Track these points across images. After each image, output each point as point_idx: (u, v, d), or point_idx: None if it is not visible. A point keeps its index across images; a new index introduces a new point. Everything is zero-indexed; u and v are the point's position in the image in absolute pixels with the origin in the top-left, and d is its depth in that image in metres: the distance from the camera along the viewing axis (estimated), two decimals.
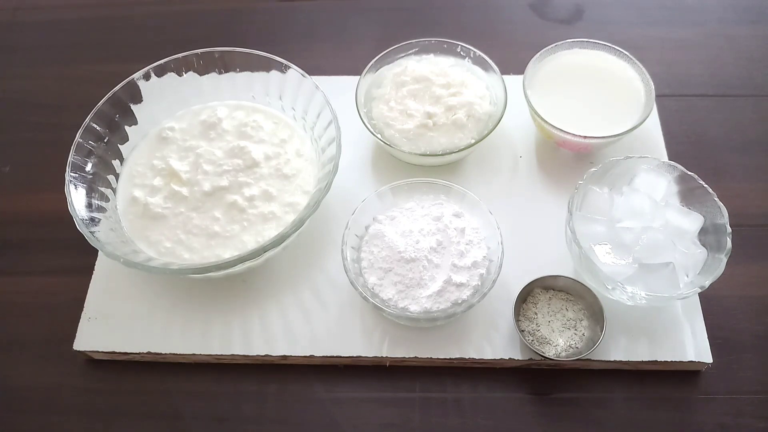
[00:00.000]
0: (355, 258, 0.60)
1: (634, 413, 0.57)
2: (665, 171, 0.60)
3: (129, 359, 0.61)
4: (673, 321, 0.59)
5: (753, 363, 0.59)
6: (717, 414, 0.56)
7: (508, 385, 0.58)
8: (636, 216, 0.58)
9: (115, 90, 0.66)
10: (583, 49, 0.70)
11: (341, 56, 0.82)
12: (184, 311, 0.61)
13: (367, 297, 0.56)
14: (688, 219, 0.58)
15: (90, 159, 0.63)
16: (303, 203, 0.62)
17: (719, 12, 0.84)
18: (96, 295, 0.63)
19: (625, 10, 0.85)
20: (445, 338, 0.59)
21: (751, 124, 0.74)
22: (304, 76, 0.66)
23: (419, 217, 0.61)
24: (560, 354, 0.56)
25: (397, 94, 0.68)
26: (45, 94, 0.81)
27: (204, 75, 0.69)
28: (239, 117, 0.69)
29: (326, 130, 0.64)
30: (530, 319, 0.58)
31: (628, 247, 0.57)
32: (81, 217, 0.58)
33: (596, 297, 0.57)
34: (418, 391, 0.58)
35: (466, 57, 0.71)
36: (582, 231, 0.57)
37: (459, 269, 0.57)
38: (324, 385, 0.59)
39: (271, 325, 0.60)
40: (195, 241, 0.61)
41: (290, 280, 0.63)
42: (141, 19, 0.88)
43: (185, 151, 0.67)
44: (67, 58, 0.84)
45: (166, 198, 0.64)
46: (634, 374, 0.58)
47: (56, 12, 0.90)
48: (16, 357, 0.62)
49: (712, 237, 0.57)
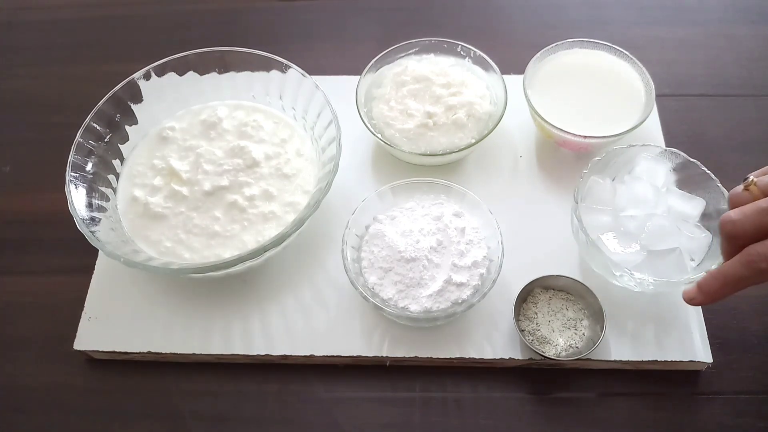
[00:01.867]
0: (355, 258, 0.60)
1: (634, 413, 0.57)
2: (666, 159, 0.61)
3: (129, 359, 0.61)
4: (674, 321, 0.59)
5: (754, 363, 0.59)
6: (717, 414, 0.56)
7: (508, 385, 0.58)
8: (639, 204, 0.58)
9: (116, 90, 0.66)
10: (583, 48, 0.70)
11: (341, 56, 0.82)
12: (184, 311, 0.61)
13: (367, 297, 0.56)
14: (690, 204, 0.59)
15: (90, 158, 0.63)
16: (303, 203, 0.62)
17: (719, 12, 0.84)
18: (96, 294, 0.63)
19: (625, 9, 0.85)
20: (446, 338, 0.59)
21: (751, 124, 0.74)
22: (304, 75, 0.66)
23: (419, 216, 0.61)
24: (560, 354, 0.56)
25: (398, 93, 0.68)
26: (45, 93, 0.81)
27: (204, 75, 0.69)
28: (239, 117, 0.69)
29: (326, 129, 0.64)
30: (530, 319, 0.58)
31: (633, 234, 0.57)
32: (81, 216, 0.58)
33: (596, 297, 0.57)
34: (418, 391, 0.58)
35: (466, 57, 0.71)
36: (587, 221, 0.57)
37: (459, 269, 0.57)
38: (324, 385, 0.59)
39: (271, 324, 0.60)
40: (195, 240, 0.61)
41: (290, 280, 0.63)
42: (141, 18, 0.88)
43: (185, 150, 0.67)
44: (67, 57, 0.84)
45: (167, 198, 0.64)
46: (634, 374, 0.58)
47: (56, 12, 0.90)
48: (17, 357, 0.62)
49: (715, 222, 0.57)
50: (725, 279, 0.45)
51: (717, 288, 0.46)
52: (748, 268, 0.43)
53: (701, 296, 0.47)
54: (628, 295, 0.59)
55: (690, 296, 0.48)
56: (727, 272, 0.45)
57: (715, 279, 0.45)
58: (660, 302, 0.60)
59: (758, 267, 0.43)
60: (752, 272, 0.43)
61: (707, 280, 0.46)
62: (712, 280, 0.46)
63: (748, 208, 0.44)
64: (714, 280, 0.46)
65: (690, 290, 0.48)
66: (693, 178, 0.60)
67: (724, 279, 0.45)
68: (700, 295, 0.47)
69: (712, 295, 0.46)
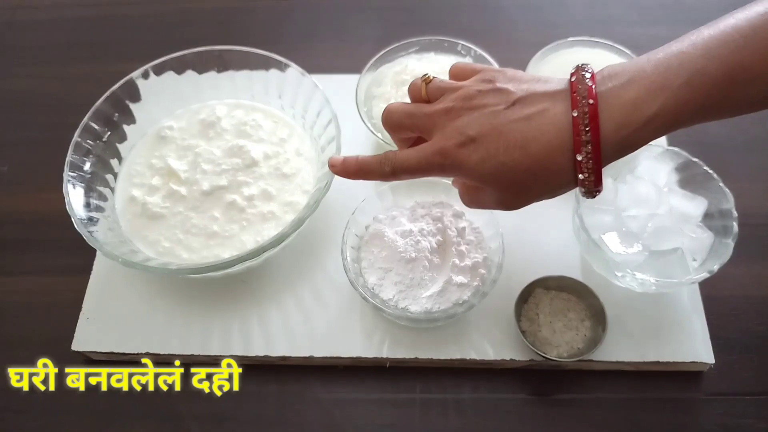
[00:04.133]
0: (355, 258, 0.60)
1: (636, 414, 0.57)
2: (668, 158, 0.60)
3: (127, 360, 0.60)
4: (676, 321, 0.59)
5: (755, 363, 0.58)
6: (719, 415, 0.56)
7: (509, 386, 0.58)
8: (641, 203, 0.58)
9: (114, 89, 0.66)
10: (584, 48, 0.70)
11: (341, 55, 0.82)
12: (182, 312, 0.61)
13: (367, 297, 0.56)
14: (692, 203, 0.59)
15: (88, 158, 0.63)
16: (302, 203, 0.62)
17: (720, 12, 0.82)
18: (94, 295, 0.62)
19: (626, 9, 0.85)
20: (446, 339, 0.58)
21: (752, 124, 0.73)
22: (303, 74, 0.66)
23: (420, 217, 0.61)
24: (562, 355, 0.56)
25: (398, 93, 0.68)
26: (44, 93, 0.81)
27: (203, 74, 0.69)
28: (238, 116, 0.69)
29: (326, 129, 0.63)
30: (531, 320, 0.58)
31: (635, 234, 0.57)
32: (79, 216, 0.58)
33: (598, 297, 0.57)
34: (419, 392, 0.58)
35: (466, 56, 0.71)
36: (588, 221, 0.57)
37: (460, 269, 0.57)
38: (324, 386, 0.59)
39: (270, 325, 0.60)
40: (194, 240, 0.61)
41: (290, 280, 0.62)
42: (140, 18, 0.88)
43: (184, 150, 0.66)
44: (66, 57, 0.84)
45: (165, 197, 0.63)
46: (636, 375, 0.58)
47: (56, 11, 0.89)
48: (14, 357, 0.61)
49: (718, 222, 0.58)
50: (361, 166, 0.51)
51: (353, 170, 0.51)
52: (379, 165, 0.49)
53: (340, 170, 0.52)
54: (630, 295, 0.59)
55: (333, 164, 0.53)
56: (365, 161, 0.50)
57: (357, 164, 0.51)
58: (662, 303, 0.60)
59: (383, 169, 0.49)
60: (381, 171, 0.49)
61: (351, 163, 0.51)
62: (354, 165, 0.51)
63: (403, 105, 0.50)
64: (355, 165, 0.51)
65: (336, 160, 0.52)
66: (695, 177, 0.60)
67: (361, 166, 0.51)
68: (341, 168, 0.52)
69: (347, 174, 0.52)
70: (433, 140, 0.47)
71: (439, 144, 0.46)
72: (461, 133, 0.45)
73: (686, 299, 0.60)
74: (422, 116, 0.48)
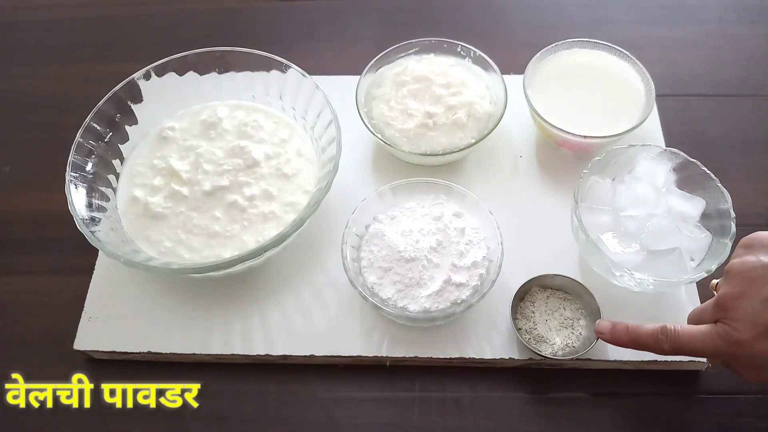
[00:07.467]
0: (355, 257, 0.60)
1: (633, 413, 0.57)
2: (666, 159, 0.61)
3: (129, 359, 0.61)
4: (673, 321, 0.58)
5: None
6: (716, 414, 0.56)
7: (507, 385, 0.58)
8: (639, 204, 0.58)
9: (116, 90, 0.66)
10: (583, 48, 0.70)
11: (341, 56, 0.82)
12: (184, 311, 0.62)
13: (366, 296, 0.56)
14: (690, 204, 0.59)
15: (90, 158, 0.63)
16: (303, 203, 0.63)
17: (719, 12, 0.84)
18: (96, 294, 0.63)
19: (625, 9, 0.85)
20: (445, 338, 0.59)
21: (751, 124, 0.74)
22: (304, 75, 0.66)
23: (419, 216, 0.61)
24: (557, 353, 0.56)
25: (398, 93, 0.68)
26: (45, 93, 0.81)
27: (204, 75, 0.69)
28: (239, 117, 0.69)
29: (326, 129, 0.64)
30: (527, 318, 0.58)
31: (633, 234, 0.57)
32: (81, 216, 0.58)
33: (594, 296, 0.57)
34: (418, 391, 0.58)
35: (466, 57, 0.71)
36: (587, 222, 0.57)
37: (459, 269, 0.57)
38: (324, 385, 0.59)
39: (271, 324, 0.60)
40: (195, 240, 0.61)
41: (290, 280, 0.63)
42: (141, 18, 0.88)
43: (185, 150, 0.67)
44: (67, 57, 0.84)
45: (167, 197, 0.64)
46: (634, 374, 0.58)
47: (56, 12, 0.90)
48: (17, 357, 0.62)
49: (715, 222, 0.58)
50: (636, 339, 0.50)
51: (624, 341, 0.51)
52: (655, 340, 0.49)
53: (609, 338, 0.53)
54: (628, 295, 0.59)
55: (600, 330, 0.53)
56: (640, 334, 0.50)
57: (628, 334, 0.51)
58: (659, 302, 0.60)
59: (660, 347, 0.49)
60: (656, 346, 0.49)
61: (621, 331, 0.51)
62: (625, 334, 0.51)
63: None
64: (626, 335, 0.51)
65: (605, 327, 0.53)
66: (693, 178, 0.60)
67: (635, 339, 0.51)
68: (610, 336, 0.52)
69: (617, 343, 0.53)
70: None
71: (735, 336, 0.45)
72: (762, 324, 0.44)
73: (684, 299, 0.60)
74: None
